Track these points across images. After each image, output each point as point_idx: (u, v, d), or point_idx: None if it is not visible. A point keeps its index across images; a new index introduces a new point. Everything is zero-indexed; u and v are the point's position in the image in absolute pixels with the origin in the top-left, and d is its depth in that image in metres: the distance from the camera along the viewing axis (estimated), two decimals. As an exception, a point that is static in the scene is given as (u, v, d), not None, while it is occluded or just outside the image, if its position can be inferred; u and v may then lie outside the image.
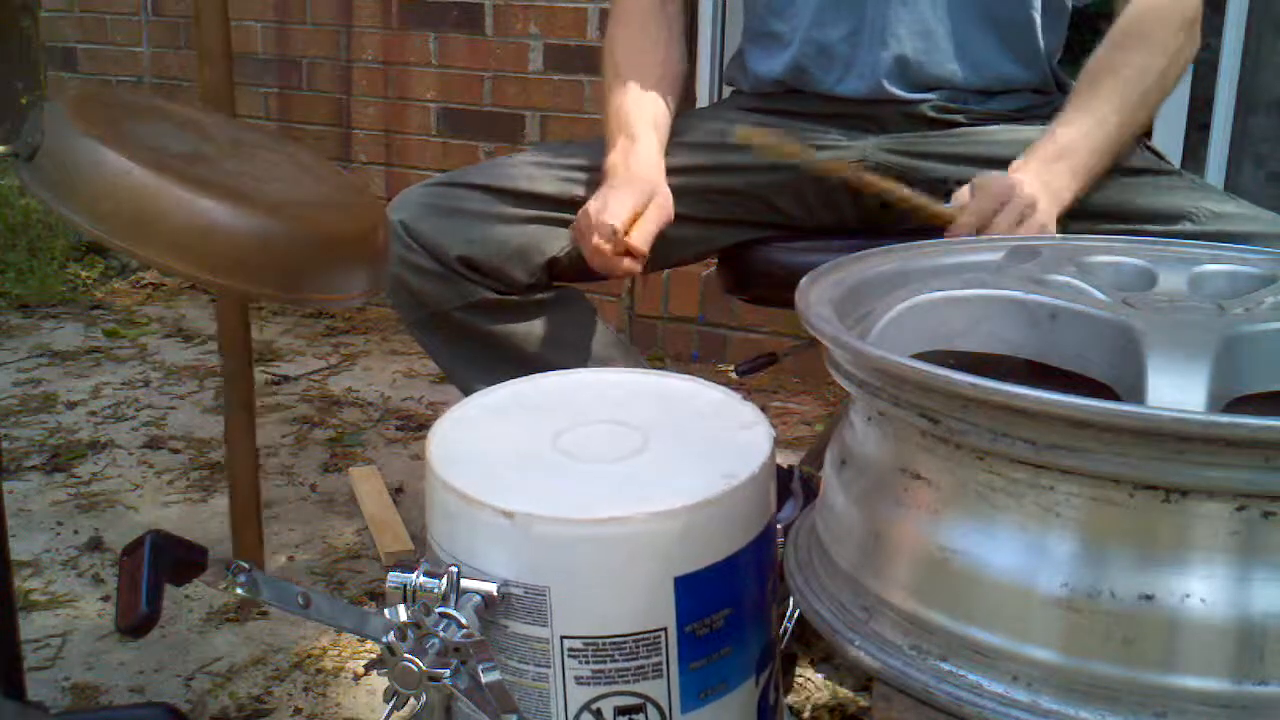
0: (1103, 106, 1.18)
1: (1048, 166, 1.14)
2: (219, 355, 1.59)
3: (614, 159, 1.28)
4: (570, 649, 0.79)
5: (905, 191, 1.17)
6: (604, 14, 2.73)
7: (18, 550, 1.71)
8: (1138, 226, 1.18)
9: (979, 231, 1.11)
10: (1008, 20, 1.29)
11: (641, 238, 1.19)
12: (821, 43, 1.31)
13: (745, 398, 0.95)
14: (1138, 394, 0.66)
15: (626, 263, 1.19)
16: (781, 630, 0.95)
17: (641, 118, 1.31)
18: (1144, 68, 1.20)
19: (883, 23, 1.28)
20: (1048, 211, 1.12)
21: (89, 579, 1.68)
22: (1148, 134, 1.87)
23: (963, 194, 1.15)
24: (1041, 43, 1.31)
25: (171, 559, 0.84)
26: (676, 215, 1.32)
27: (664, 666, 0.80)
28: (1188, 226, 1.19)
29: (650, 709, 0.81)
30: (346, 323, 3.03)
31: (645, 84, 1.34)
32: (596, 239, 1.18)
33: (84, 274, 3.33)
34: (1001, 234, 1.09)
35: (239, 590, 0.86)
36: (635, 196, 1.21)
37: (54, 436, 2.21)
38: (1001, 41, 1.30)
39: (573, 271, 1.32)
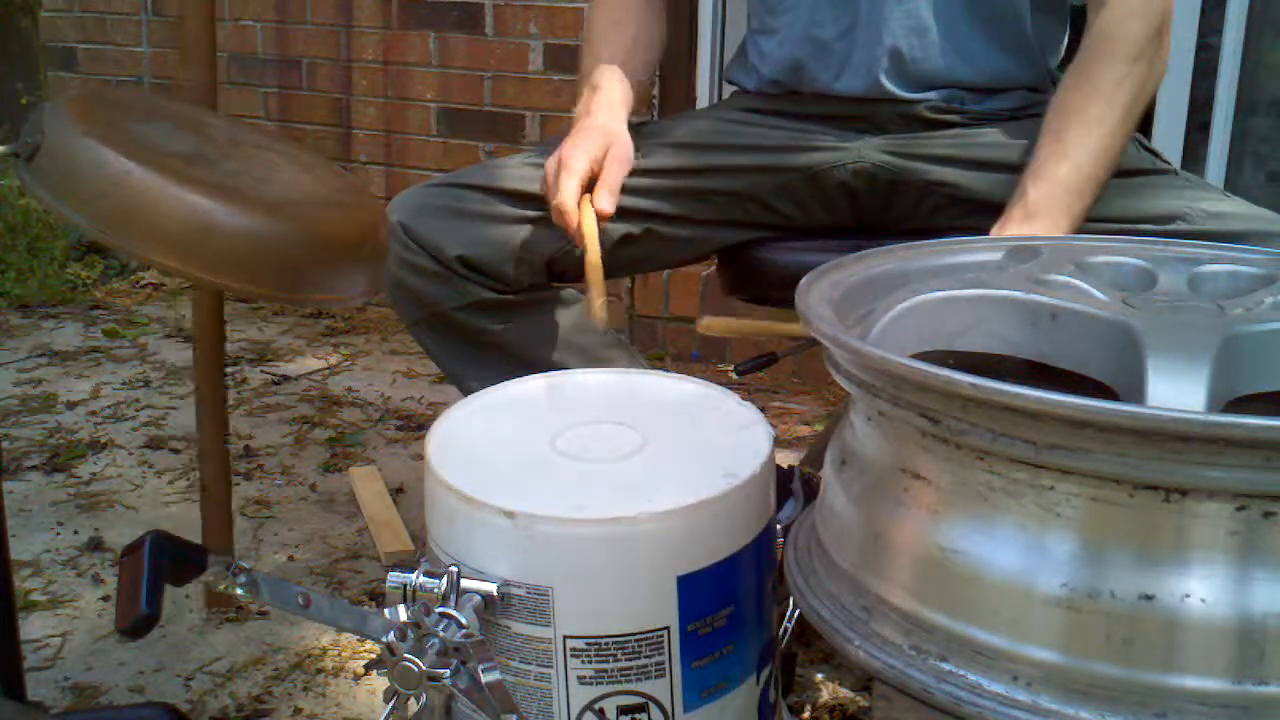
0: (1075, 149, 1.15)
1: (1024, 229, 1.12)
2: (193, 352, 1.57)
3: (577, 110, 1.29)
4: (573, 649, 0.79)
5: None
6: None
7: (18, 550, 1.71)
8: (1132, 228, 1.18)
9: None
10: (999, 16, 1.29)
11: (605, 199, 1.18)
12: (818, 39, 1.31)
13: (745, 398, 0.95)
14: (1138, 394, 0.66)
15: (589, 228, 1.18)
16: (781, 630, 0.95)
17: (606, 72, 1.31)
18: (1114, 96, 1.16)
19: (878, 19, 1.28)
20: None
21: (89, 579, 1.68)
22: (1147, 133, 1.88)
23: None
24: (1034, 39, 1.31)
25: (171, 559, 0.84)
26: (675, 216, 1.32)
27: (666, 665, 0.80)
28: (1182, 226, 1.18)
29: (653, 708, 0.81)
30: (346, 323, 3.03)
31: (616, 48, 1.35)
32: (555, 203, 1.18)
33: (84, 274, 3.33)
34: None
35: (239, 590, 0.86)
36: (591, 148, 1.20)
37: (54, 436, 2.21)
38: (995, 38, 1.30)
39: (572, 271, 1.32)
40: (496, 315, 1.29)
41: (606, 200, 1.18)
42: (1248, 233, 1.16)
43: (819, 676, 1.44)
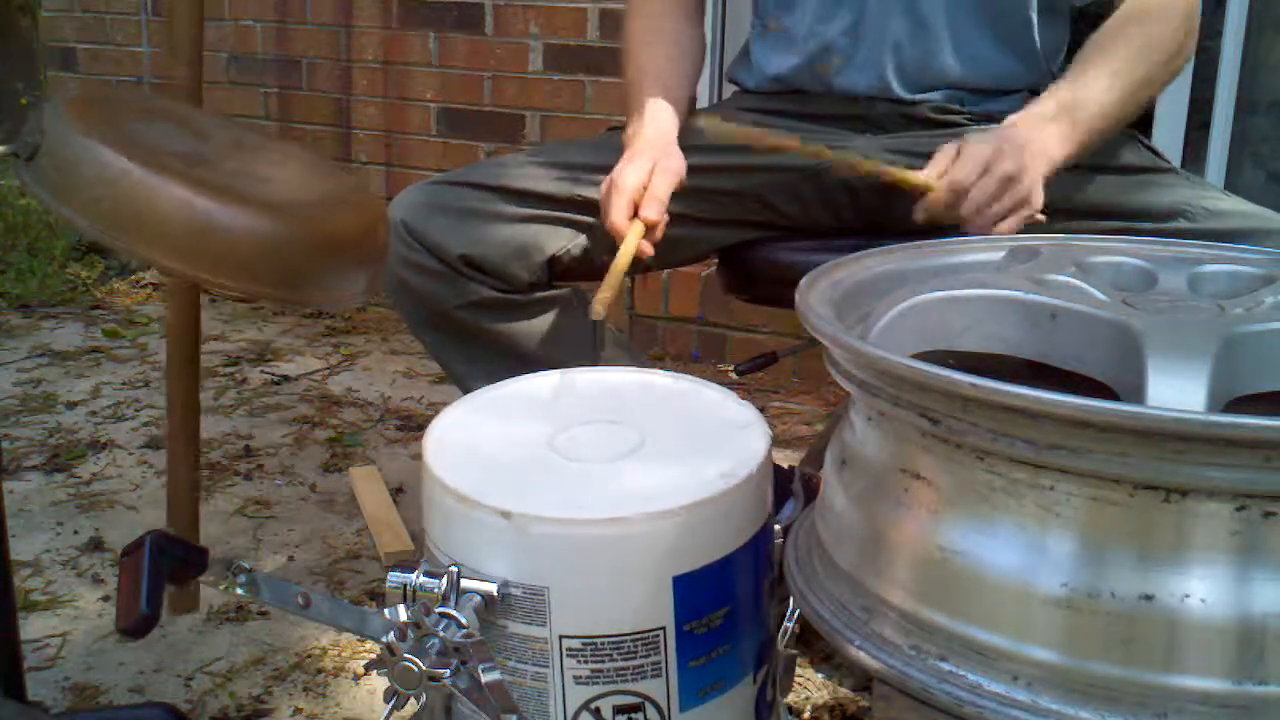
0: (1106, 75, 1.17)
1: (1042, 125, 1.13)
2: (165, 346, 1.56)
3: (626, 136, 1.30)
4: (569, 649, 0.79)
5: (884, 167, 1.17)
6: (604, 14, 2.73)
7: (18, 550, 1.71)
8: (1133, 224, 1.18)
9: (957, 202, 1.09)
10: (1004, 17, 1.29)
11: (650, 208, 1.19)
12: (824, 37, 1.32)
13: (745, 398, 0.95)
14: (1138, 394, 0.66)
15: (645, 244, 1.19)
16: (781, 630, 0.95)
17: (650, 88, 1.32)
18: (1151, 45, 1.19)
19: (882, 17, 1.28)
20: (1033, 175, 1.10)
21: (89, 579, 1.68)
22: (1147, 133, 1.88)
23: (943, 159, 1.13)
24: (1039, 41, 1.31)
25: (171, 559, 0.84)
26: (676, 215, 1.32)
27: (663, 665, 0.80)
28: (1183, 224, 1.19)
29: (649, 708, 0.81)
30: (346, 323, 3.03)
31: (657, 56, 1.36)
32: (607, 225, 1.19)
33: (84, 274, 3.33)
34: (979, 205, 1.07)
35: (239, 590, 0.86)
36: (640, 166, 1.22)
37: (54, 436, 2.21)
38: (999, 38, 1.30)
39: (574, 270, 1.32)
40: (498, 314, 1.29)
41: (652, 209, 1.20)
42: (1248, 231, 1.16)
43: (819, 676, 1.44)
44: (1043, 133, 1.12)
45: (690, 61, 1.40)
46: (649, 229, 1.19)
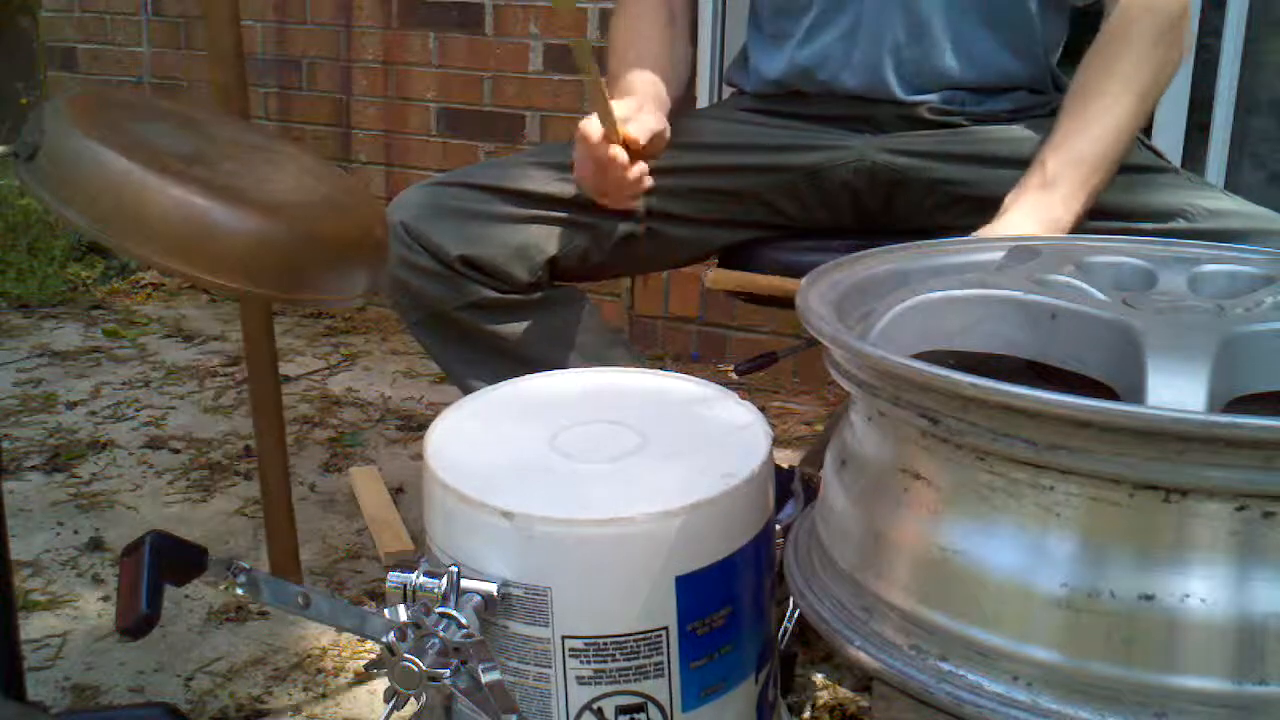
0: (1093, 125, 1.16)
1: (1041, 196, 1.13)
2: (246, 363, 1.57)
3: None
4: (571, 649, 0.79)
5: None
6: (604, 14, 2.73)
7: (18, 550, 1.71)
8: (1132, 225, 1.18)
9: None
10: (1005, 16, 1.29)
11: (639, 130, 1.17)
12: (821, 40, 1.32)
13: (745, 398, 0.95)
14: (1138, 394, 0.66)
15: (629, 172, 1.17)
16: (781, 630, 0.95)
17: (635, 75, 1.31)
18: (1133, 77, 1.18)
19: (880, 19, 1.28)
20: None
21: (89, 579, 1.68)
22: (1147, 133, 1.88)
23: None
24: (1040, 38, 1.31)
25: (171, 559, 0.84)
26: (677, 216, 1.32)
27: (665, 665, 0.80)
28: (1182, 224, 1.19)
29: (651, 708, 0.81)
30: (346, 323, 3.03)
31: (643, 55, 1.35)
32: (583, 146, 1.17)
33: (84, 274, 3.33)
34: None
35: (239, 590, 0.86)
36: (621, 107, 1.19)
37: (54, 436, 2.21)
38: (999, 37, 1.30)
39: (574, 270, 1.32)
40: (498, 315, 1.29)
41: (638, 130, 1.17)
42: (1248, 231, 1.16)
43: (819, 676, 1.44)
44: (1044, 204, 1.12)
45: (678, 67, 1.40)
46: (631, 150, 1.16)
